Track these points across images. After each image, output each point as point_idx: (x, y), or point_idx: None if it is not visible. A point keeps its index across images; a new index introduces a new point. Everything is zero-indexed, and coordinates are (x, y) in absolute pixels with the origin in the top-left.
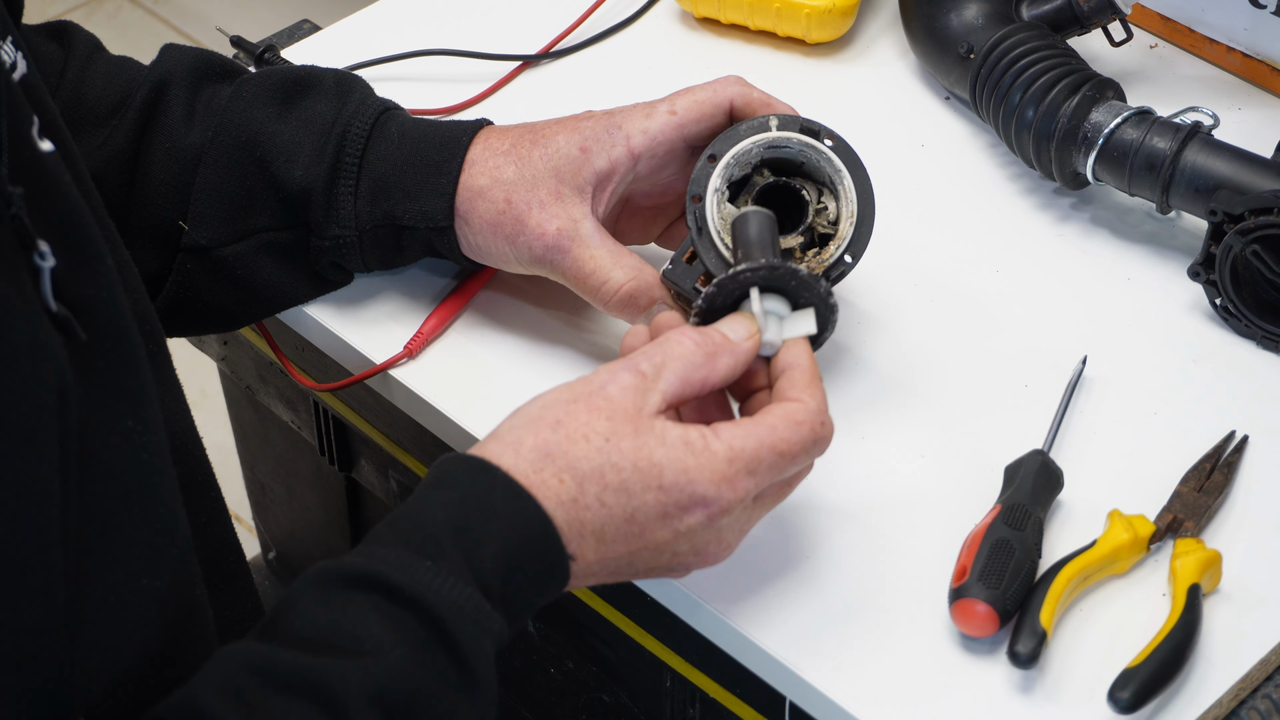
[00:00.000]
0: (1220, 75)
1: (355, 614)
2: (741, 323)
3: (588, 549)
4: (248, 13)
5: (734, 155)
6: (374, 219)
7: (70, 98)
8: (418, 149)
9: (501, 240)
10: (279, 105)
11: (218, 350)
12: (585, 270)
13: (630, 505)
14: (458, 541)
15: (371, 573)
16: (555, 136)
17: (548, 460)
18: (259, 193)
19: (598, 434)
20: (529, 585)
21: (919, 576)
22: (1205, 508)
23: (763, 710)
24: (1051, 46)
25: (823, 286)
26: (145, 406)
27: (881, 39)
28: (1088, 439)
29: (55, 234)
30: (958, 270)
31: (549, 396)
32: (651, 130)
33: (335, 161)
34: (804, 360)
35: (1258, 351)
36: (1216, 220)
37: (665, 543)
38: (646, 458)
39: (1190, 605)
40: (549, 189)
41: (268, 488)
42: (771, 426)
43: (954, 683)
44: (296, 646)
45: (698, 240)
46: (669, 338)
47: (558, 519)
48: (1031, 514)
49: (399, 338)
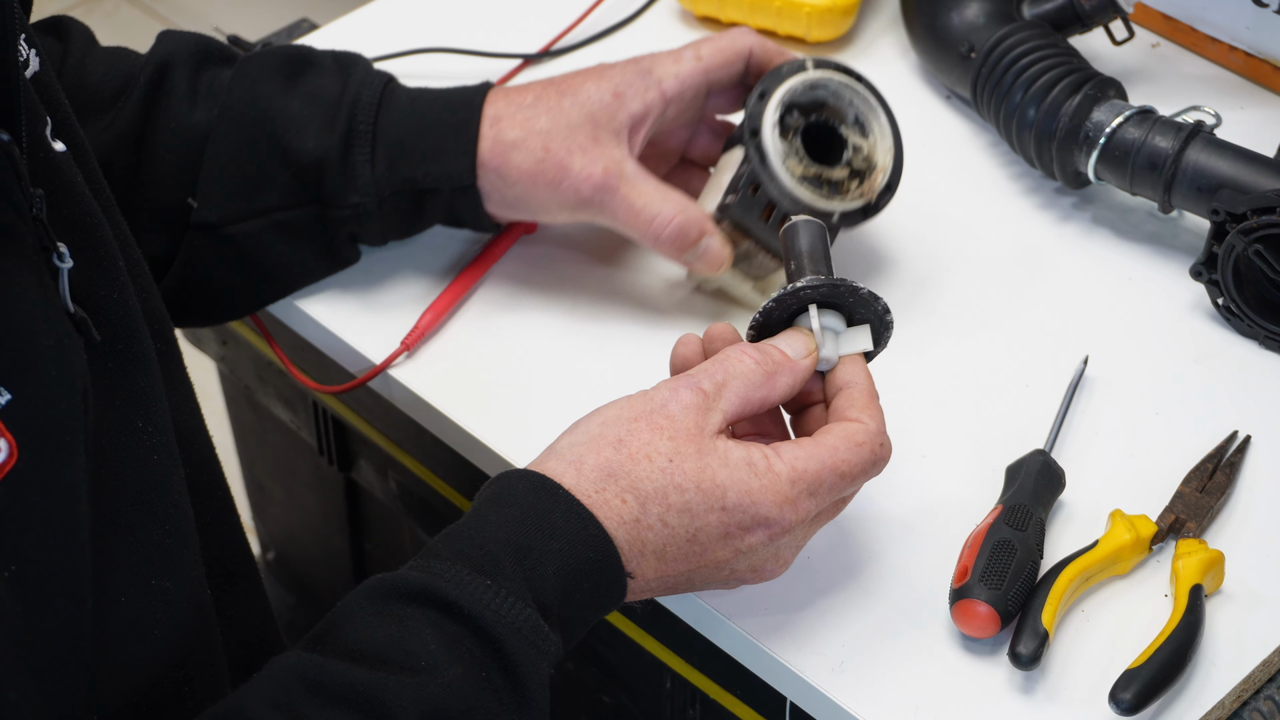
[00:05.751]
0: (1222, 74)
1: (411, 629)
2: (800, 340)
3: (647, 567)
4: (246, 11)
5: (785, 90)
6: (393, 184)
7: (72, 86)
8: (431, 112)
9: (543, 188)
10: (284, 80)
11: (217, 350)
12: (636, 207)
13: (693, 526)
14: (517, 561)
15: (430, 588)
16: (584, 85)
17: (610, 480)
18: (270, 168)
19: (661, 454)
20: (586, 604)
21: (920, 577)
22: (1207, 508)
23: (763, 711)
24: (1053, 45)
25: (880, 304)
26: (154, 407)
27: (882, 38)
28: (1090, 439)
29: (71, 235)
30: (959, 269)
31: (609, 413)
32: (681, 74)
33: (348, 130)
34: (862, 379)
35: (1260, 351)
36: (1219, 220)
37: (724, 561)
38: (710, 479)
39: (1192, 606)
40: (586, 133)
41: (266, 488)
42: (833, 448)
43: (955, 683)
44: (349, 659)
45: (761, 171)
46: (729, 356)
47: (619, 539)
48: (1033, 514)
49: (395, 335)
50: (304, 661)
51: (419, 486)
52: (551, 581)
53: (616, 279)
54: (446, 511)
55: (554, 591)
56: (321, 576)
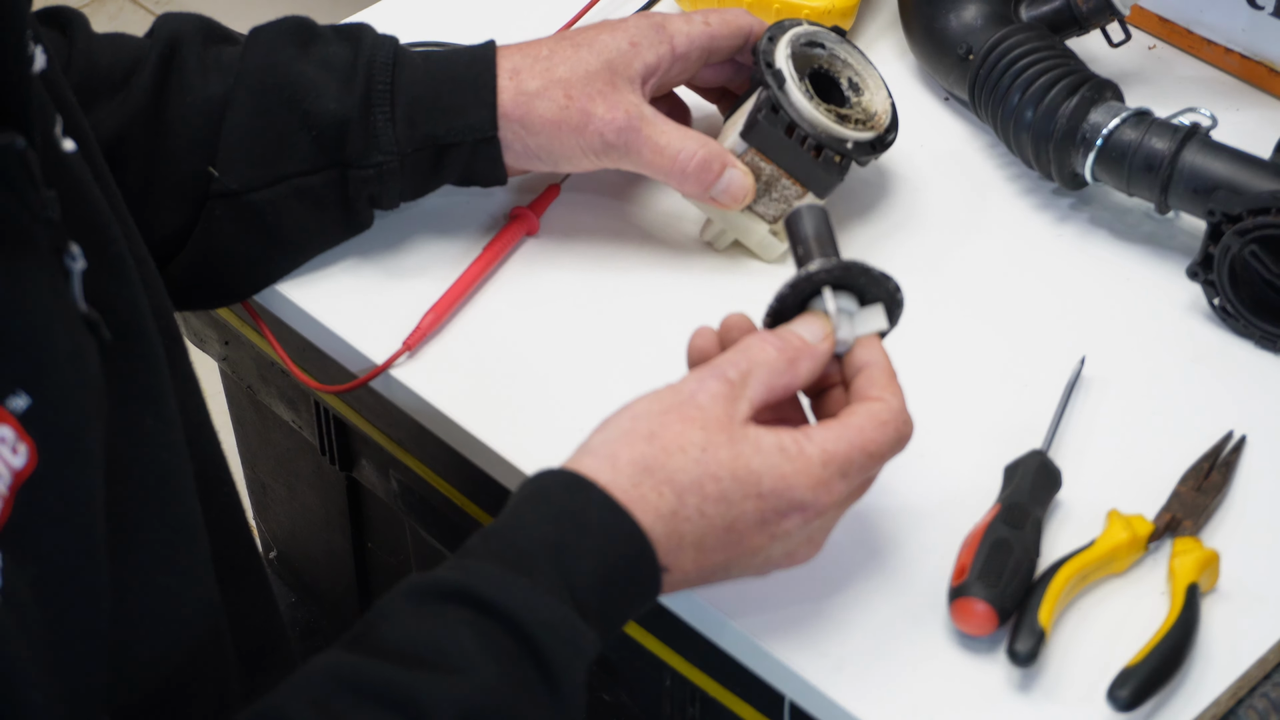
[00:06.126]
0: (1218, 76)
1: (447, 628)
2: (817, 324)
3: (685, 559)
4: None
5: (792, 34)
6: (415, 142)
7: (83, 70)
8: (446, 69)
9: (568, 134)
10: (297, 48)
11: (219, 350)
12: (660, 144)
13: (730, 514)
14: (554, 558)
15: (466, 587)
16: (599, 36)
17: (646, 474)
18: (290, 132)
19: (694, 445)
20: (623, 600)
21: (918, 575)
22: (1204, 507)
23: (763, 710)
24: (1050, 47)
25: (891, 283)
26: (164, 406)
27: (880, 40)
28: (1086, 439)
29: (82, 235)
30: (956, 270)
31: (638, 407)
32: (692, 34)
33: (367, 90)
34: (880, 358)
35: (1256, 351)
36: (1215, 220)
37: (761, 547)
38: (744, 466)
39: (1189, 604)
40: (605, 79)
41: (268, 487)
42: (860, 428)
43: (953, 681)
44: (385, 658)
45: (780, 96)
46: (750, 344)
47: (656, 533)
48: (1030, 513)
49: (397, 334)
50: (340, 661)
51: (420, 486)
52: (588, 578)
53: (618, 280)
54: (447, 511)
55: (591, 588)
56: (323, 575)
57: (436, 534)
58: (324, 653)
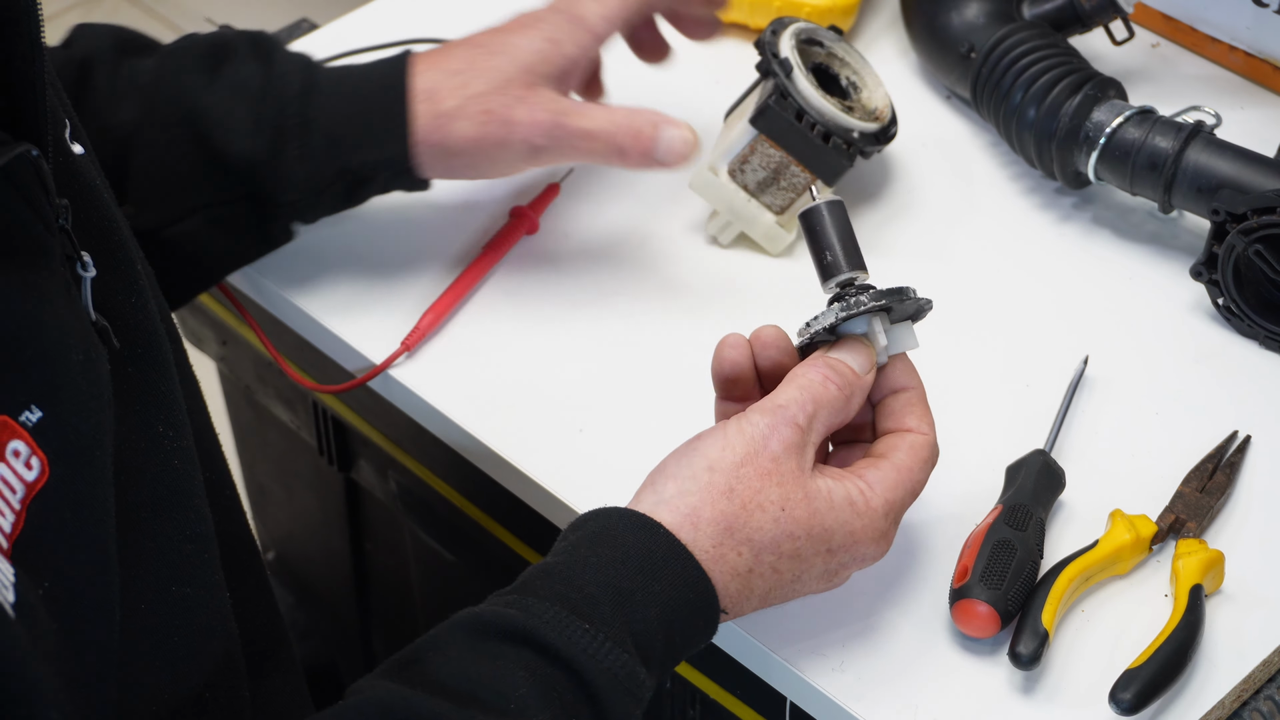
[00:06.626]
0: (1222, 74)
1: (505, 670)
2: (864, 354)
3: (748, 606)
4: (248, 11)
5: (793, 30)
6: (328, 177)
7: None
8: (357, 96)
9: (491, 148)
10: (206, 74)
11: (216, 350)
12: (590, 129)
13: (800, 568)
14: (618, 603)
15: (528, 629)
16: (512, 39)
17: (728, 535)
18: (200, 168)
19: (773, 503)
20: (683, 645)
21: (920, 577)
22: (1208, 508)
23: (763, 711)
24: (1053, 45)
25: (924, 301)
26: (174, 411)
27: (882, 38)
28: (1090, 439)
29: (93, 241)
30: (959, 270)
31: (710, 454)
32: (608, 13)
33: (277, 127)
34: (917, 382)
35: (1260, 351)
36: (1219, 220)
37: (815, 590)
38: (819, 524)
39: (1192, 606)
40: (523, 84)
41: (266, 488)
42: (910, 469)
43: (955, 684)
44: (438, 693)
45: (788, 83)
46: (812, 384)
47: (731, 590)
48: (1033, 514)
49: (395, 335)
50: (390, 693)
51: (419, 487)
52: (654, 625)
53: (618, 279)
54: (446, 512)
55: (654, 634)
56: (321, 576)
57: (435, 535)
58: (371, 678)
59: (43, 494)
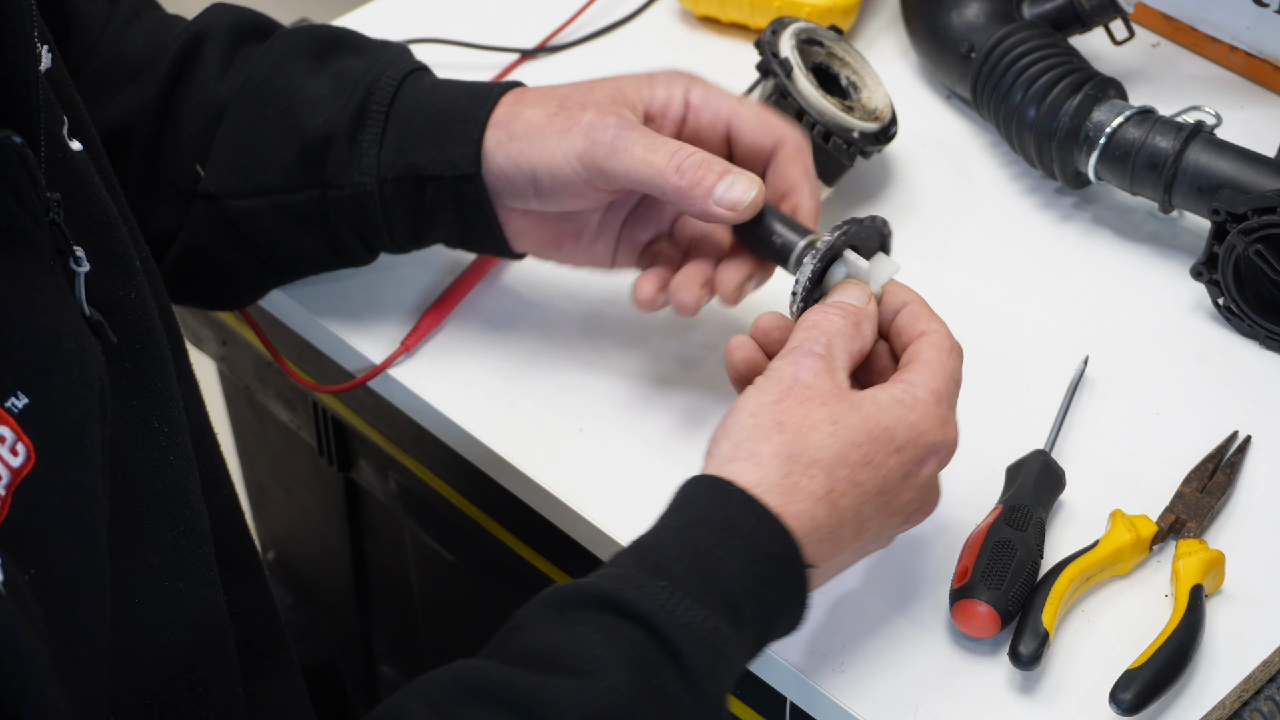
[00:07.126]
0: (1223, 74)
1: (581, 632)
2: (855, 289)
3: (846, 534)
4: None
5: (793, 29)
6: (396, 169)
7: (109, 54)
8: (448, 99)
9: (551, 136)
10: (312, 60)
11: (216, 350)
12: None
13: (879, 475)
14: (695, 562)
15: (604, 591)
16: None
17: (792, 461)
18: (277, 144)
19: (823, 421)
20: (776, 602)
21: (920, 577)
22: (1208, 508)
23: (763, 710)
24: (1053, 45)
25: (876, 221)
26: (171, 408)
27: (882, 38)
28: (1090, 439)
29: (87, 237)
30: (959, 270)
31: (749, 403)
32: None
33: (360, 108)
34: (911, 294)
35: (1260, 351)
36: (1219, 220)
37: (907, 503)
38: (877, 426)
39: (1193, 606)
40: (607, 98)
41: (266, 488)
42: (940, 361)
43: (955, 684)
44: (516, 663)
45: (788, 84)
46: (815, 321)
47: (820, 518)
48: (1033, 514)
49: (395, 335)
50: (467, 666)
51: (419, 486)
52: (737, 581)
53: (618, 280)
54: (446, 512)
55: (741, 591)
56: (321, 576)
57: (435, 535)
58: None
59: (29, 480)
